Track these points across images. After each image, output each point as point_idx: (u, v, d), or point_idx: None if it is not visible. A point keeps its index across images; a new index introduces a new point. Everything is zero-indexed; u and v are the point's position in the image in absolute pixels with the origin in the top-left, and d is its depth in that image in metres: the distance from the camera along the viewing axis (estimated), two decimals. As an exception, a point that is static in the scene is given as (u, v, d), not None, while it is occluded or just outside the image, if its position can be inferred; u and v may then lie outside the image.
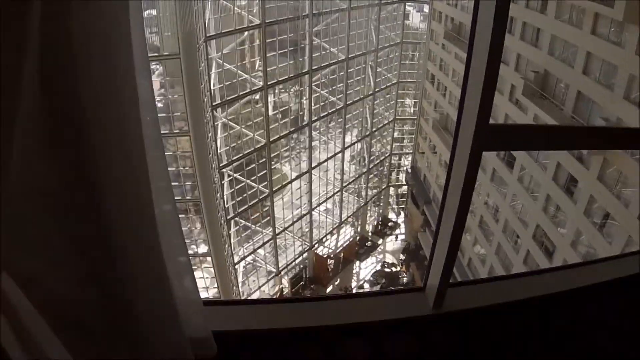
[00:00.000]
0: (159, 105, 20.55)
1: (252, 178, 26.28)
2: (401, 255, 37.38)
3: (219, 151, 24.00)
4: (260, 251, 29.06)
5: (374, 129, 34.50)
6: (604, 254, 17.82)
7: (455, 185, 1.80)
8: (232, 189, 25.41)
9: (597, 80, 19.33)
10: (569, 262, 20.10)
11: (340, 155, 32.31)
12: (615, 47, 18.19)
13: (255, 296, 28.73)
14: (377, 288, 33.90)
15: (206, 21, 21.70)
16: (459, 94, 1.74)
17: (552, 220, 22.24)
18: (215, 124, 23.63)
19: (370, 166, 35.98)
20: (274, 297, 29.58)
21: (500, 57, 1.54)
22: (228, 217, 25.38)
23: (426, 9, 35.30)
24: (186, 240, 2.18)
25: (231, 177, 25.17)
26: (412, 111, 37.83)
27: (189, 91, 19.86)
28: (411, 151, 38.50)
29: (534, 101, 23.00)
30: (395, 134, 37.74)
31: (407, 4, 33.91)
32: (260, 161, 26.53)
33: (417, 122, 36.82)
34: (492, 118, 1.62)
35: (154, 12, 20.71)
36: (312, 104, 28.74)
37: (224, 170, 24.50)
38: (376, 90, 33.19)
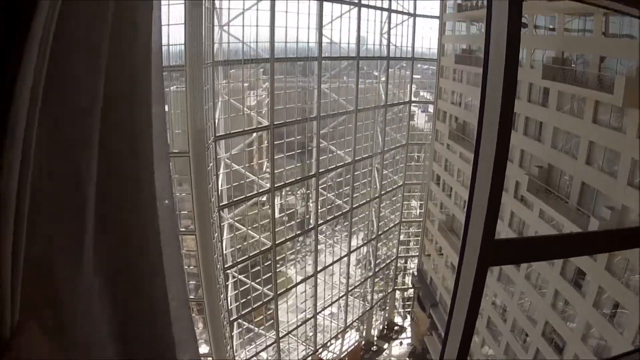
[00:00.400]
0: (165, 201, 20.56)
1: (257, 280, 25.65)
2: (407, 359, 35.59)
3: (224, 252, 23.67)
4: (263, 354, 27.63)
5: (380, 232, 34.30)
6: (616, 345, 17.44)
7: (461, 299, 1.81)
8: (237, 291, 24.71)
9: (600, 168, 19.51)
10: (580, 357, 19.26)
11: (346, 258, 31.81)
12: (616, 133, 18.60)
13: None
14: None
15: (216, 120, 22.27)
16: (464, 195, 1.71)
17: (561, 315, 21.43)
18: (222, 224, 23.51)
19: (376, 270, 35.36)
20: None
21: (504, 177, 1.59)
22: (231, 319, 24.41)
23: (431, 109, 36.62)
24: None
25: (236, 279, 24.59)
26: (417, 213, 37.97)
27: (197, 190, 19.94)
28: (417, 254, 37.99)
29: (539, 196, 23.01)
30: (402, 237, 37.52)
31: (413, 105, 35.26)
32: (266, 264, 26.07)
33: (423, 224, 36.70)
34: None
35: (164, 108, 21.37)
36: (319, 207, 28.80)
37: (228, 271, 24.00)
38: (382, 192, 33.46)
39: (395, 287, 38.84)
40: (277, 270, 26.96)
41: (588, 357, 19.46)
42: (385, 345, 36.88)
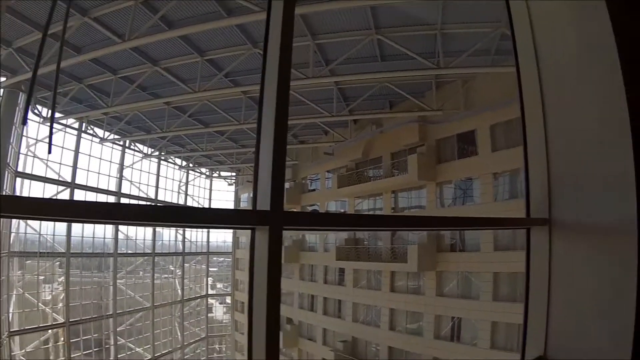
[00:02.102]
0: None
1: None
2: None
3: None
4: None
5: None
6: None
7: None
8: None
9: (405, 331, 22.33)
10: None
11: None
12: (415, 296, 21.92)
13: None
14: None
15: (10, 315, 19.58)
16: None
17: None
18: None
19: None
20: None
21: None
22: None
23: (229, 300, 36.75)
24: None
25: None
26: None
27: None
28: None
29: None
30: None
31: (210, 297, 35.17)
32: None
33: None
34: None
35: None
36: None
37: None
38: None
39: None
40: None
41: None
42: None
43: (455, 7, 13.63)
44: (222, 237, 36.79)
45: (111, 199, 26.91)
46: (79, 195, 24.58)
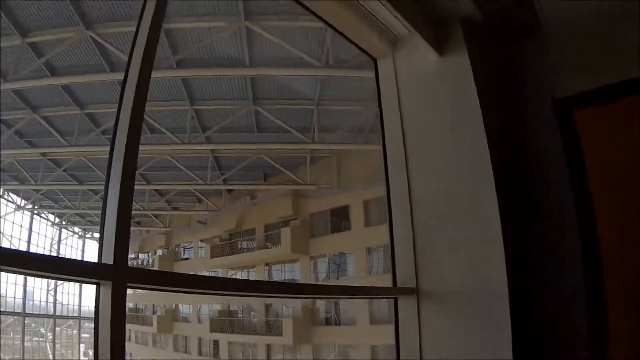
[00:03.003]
0: None
1: None
2: None
3: None
4: None
5: None
6: None
7: None
8: None
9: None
10: None
11: None
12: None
13: None
14: None
15: None
16: None
17: None
18: None
19: None
20: None
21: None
22: None
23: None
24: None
25: None
26: None
27: None
28: None
29: None
30: None
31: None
32: None
33: None
34: None
35: None
36: None
37: None
38: None
39: None
40: None
41: None
42: None
43: (332, 83, 13.96)
44: (94, 301, 33.70)
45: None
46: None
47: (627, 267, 2.33)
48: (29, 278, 27.49)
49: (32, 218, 30.53)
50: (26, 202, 28.29)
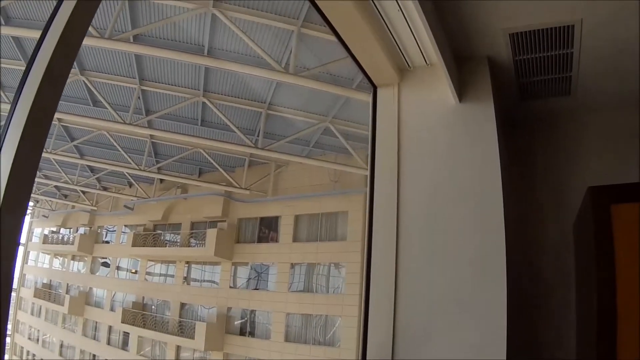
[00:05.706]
0: None
1: None
2: None
3: None
4: None
5: None
6: None
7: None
8: None
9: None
10: None
11: None
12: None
13: None
14: None
15: None
16: None
17: None
18: None
19: None
20: None
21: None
22: None
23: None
24: None
25: None
26: None
27: None
28: None
29: None
30: None
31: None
32: None
33: None
34: None
35: None
36: None
37: None
38: None
39: None
40: None
41: None
42: None
43: (287, 90, 13.28)
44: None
45: None
46: None
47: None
48: None
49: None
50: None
